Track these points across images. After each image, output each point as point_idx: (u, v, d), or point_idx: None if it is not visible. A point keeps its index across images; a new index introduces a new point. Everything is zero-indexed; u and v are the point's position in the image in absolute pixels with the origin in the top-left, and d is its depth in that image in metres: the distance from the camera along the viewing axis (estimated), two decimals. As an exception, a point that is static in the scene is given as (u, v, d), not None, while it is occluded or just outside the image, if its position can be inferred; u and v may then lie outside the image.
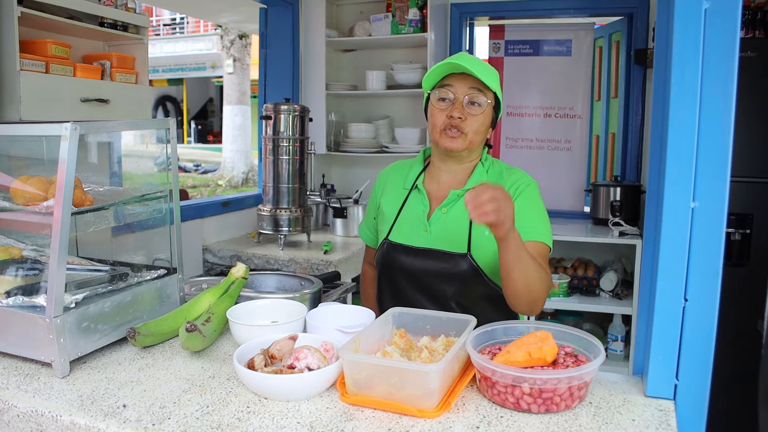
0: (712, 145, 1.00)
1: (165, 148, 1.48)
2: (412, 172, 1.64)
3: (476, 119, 1.48)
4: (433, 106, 1.52)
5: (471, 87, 1.47)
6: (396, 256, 1.56)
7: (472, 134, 1.49)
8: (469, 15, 3.52)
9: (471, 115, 1.48)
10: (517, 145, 3.69)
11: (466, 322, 1.21)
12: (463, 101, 1.47)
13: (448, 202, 1.54)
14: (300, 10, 3.40)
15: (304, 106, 2.84)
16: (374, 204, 1.72)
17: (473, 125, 1.48)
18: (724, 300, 1.07)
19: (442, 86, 1.50)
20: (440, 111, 1.50)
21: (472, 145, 1.51)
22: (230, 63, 12.55)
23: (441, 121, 1.49)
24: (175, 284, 1.50)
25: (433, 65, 1.52)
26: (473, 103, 1.47)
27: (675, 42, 1.00)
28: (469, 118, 1.48)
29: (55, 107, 1.90)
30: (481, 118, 1.49)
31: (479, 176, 1.54)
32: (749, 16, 2.81)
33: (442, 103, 1.50)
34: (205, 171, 14.29)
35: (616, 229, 3.08)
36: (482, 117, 1.49)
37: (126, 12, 2.17)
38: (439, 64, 1.47)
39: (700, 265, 1.02)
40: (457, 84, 1.48)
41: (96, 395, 1.11)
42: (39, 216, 1.28)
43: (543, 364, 1.08)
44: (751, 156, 2.68)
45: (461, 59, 1.45)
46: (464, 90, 1.47)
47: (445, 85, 1.49)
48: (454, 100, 1.48)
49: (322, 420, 1.01)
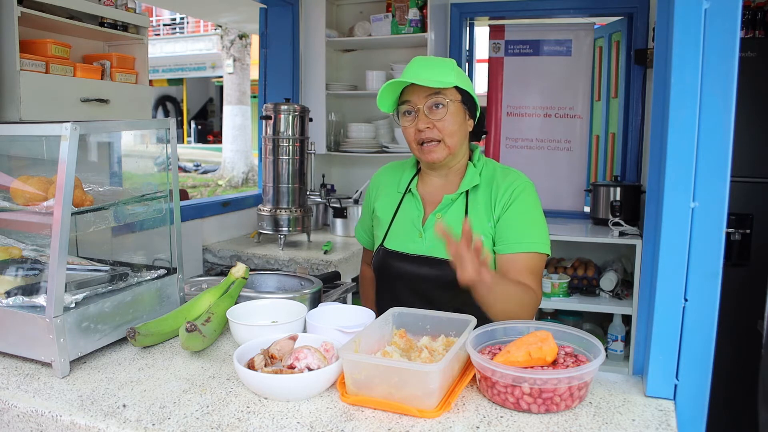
0: (712, 145, 1.00)
1: (165, 148, 1.48)
2: (405, 176, 1.63)
3: (444, 121, 1.45)
4: (401, 125, 1.51)
5: (427, 94, 1.44)
6: (392, 263, 1.56)
7: (448, 138, 1.47)
8: (469, 15, 3.51)
9: (437, 120, 1.45)
10: (517, 145, 3.69)
11: (466, 322, 1.21)
12: (423, 110, 1.45)
13: (443, 207, 1.53)
14: (300, 10, 3.40)
15: (304, 106, 2.84)
16: (369, 207, 1.71)
17: (445, 128, 1.46)
18: (724, 300, 1.07)
19: (401, 103, 1.49)
20: (408, 127, 1.49)
21: (452, 149, 1.49)
22: (230, 63, 12.55)
23: (413, 136, 1.49)
24: (175, 284, 1.50)
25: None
26: (434, 107, 1.45)
27: (675, 42, 1.00)
28: (436, 124, 1.45)
29: (55, 107, 1.90)
30: (449, 117, 1.45)
31: (471, 178, 1.52)
32: (749, 16, 2.81)
33: (406, 118, 1.49)
34: (205, 171, 14.29)
35: (616, 229, 3.08)
36: (450, 116, 1.46)
37: (126, 12, 2.17)
38: (384, 86, 1.45)
39: (700, 265, 1.02)
40: (413, 96, 1.46)
41: (96, 395, 1.11)
42: (39, 216, 1.28)
43: (543, 364, 1.08)
44: (751, 156, 2.68)
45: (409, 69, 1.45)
46: (421, 99, 1.45)
47: (404, 101, 1.48)
48: (416, 111, 1.46)
49: (322, 420, 1.01)
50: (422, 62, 1.47)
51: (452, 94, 1.46)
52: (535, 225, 1.48)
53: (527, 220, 1.47)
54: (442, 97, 1.44)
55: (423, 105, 1.45)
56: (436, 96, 1.44)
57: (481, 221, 1.49)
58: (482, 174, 1.53)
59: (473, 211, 1.50)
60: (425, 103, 1.45)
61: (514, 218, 1.47)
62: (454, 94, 1.46)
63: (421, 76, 1.42)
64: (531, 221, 1.47)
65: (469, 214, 1.50)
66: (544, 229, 1.49)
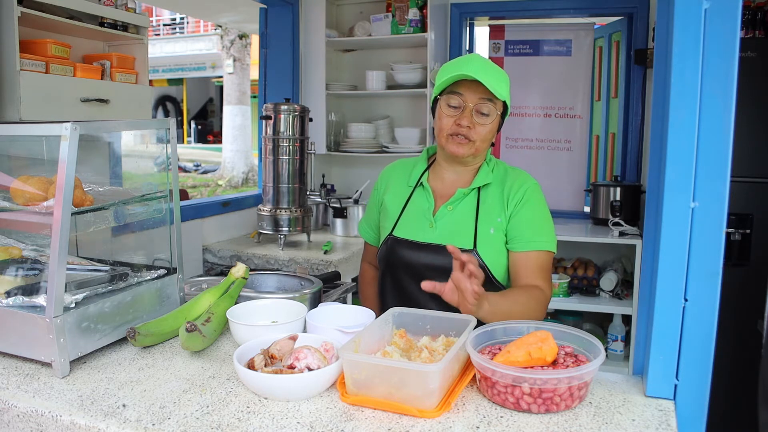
0: (712, 145, 1.00)
1: (165, 148, 1.48)
2: (416, 170, 1.65)
3: (484, 128, 1.49)
4: (441, 111, 1.51)
5: (481, 97, 1.46)
6: (400, 252, 1.57)
7: (480, 142, 1.50)
8: (469, 15, 3.51)
9: (479, 125, 1.48)
10: (518, 145, 3.69)
11: (466, 322, 1.21)
12: (472, 110, 1.47)
13: (455, 199, 1.55)
14: (300, 10, 3.40)
15: (304, 106, 2.84)
16: (376, 201, 1.72)
17: (481, 133, 1.49)
18: (724, 300, 1.07)
19: (452, 92, 1.48)
20: (448, 117, 1.50)
21: (478, 151, 1.52)
22: (230, 63, 12.55)
23: (449, 126, 1.50)
24: (175, 284, 1.50)
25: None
26: (482, 113, 1.47)
27: (675, 42, 1.00)
28: (477, 127, 1.48)
29: (55, 107, 1.90)
30: (489, 126, 1.49)
31: (485, 176, 1.56)
32: (749, 16, 2.81)
33: (451, 109, 1.49)
34: (205, 171, 14.29)
35: (616, 229, 3.08)
36: (491, 125, 1.50)
37: (126, 12, 2.17)
38: (451, 69, 1.45)
39: (700, 265, 1.02)
40: (468, 92, 1.47)
41: (96, 395, 1.11)
42: (39, 216, 1.28)
43: (543, 364, 1.08)
44: (751, 156, 2.68)
45: (474, 64, 1.44)
46: (474, 99, 1.46)
47: (455, 92, 1.48)
48: (464, 108, 1.47)
49: (322, 420, 1.01)
50: (483, 63, 1.47)
51: (500, 106, 1.50)
52: (546, 223, 1.53)
53: (539, 219, 1.52)
54: (493, 106, 1.47)
55: (473, 104, 1.47)
56: (489, 103, 1.46)
57: (491, 216, 1.53)
58: (494, 172, 1.58)
59: (484, 207, 1.54)
60: (476, 104, 1.46)
61: (528, 217, 1.52)
62: (500, 107, 1.50)
63: (484, 76, 1.42)
64: (543, 220, 1.53)
65: (480, 209, 1.53)
66: (552, 228, 1.55)
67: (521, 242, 1.50)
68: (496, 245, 1.51)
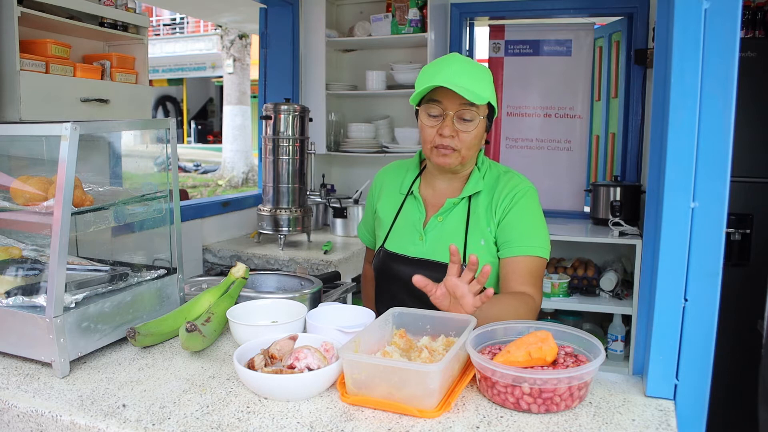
0: (712, 145, 1.00)
1: (165, 148, 1.48)
2: (408, 177, 1.62)
3: (468, 135, 1.43)
4: (422, 122, 1.46)
5: (462, 102, 1.39)
6: (392, 265, 1.56)
7: (465, 150, 1.45)
8: (469, 15, 3.52)
9: (462, 132, 1.42)
10: (517, 145, 3.69)
11: (466, 322, 1.21)
12: (453, 117, 1.41)
13: (444, 210, 1.52)
14: (300, 10, 3.40)
15: (304, 106, 2.84)
16: (371, 207, 1.71)
17: (465, 141, 1.43)
18: (724, 300, 1.07)
19: (430, 100, 1.42)
20: (430, 128, 1.44)
21: (465, 159, 1.47)
22: (230, 63, 12.54)
23: (431, 138, 1.45)
24: (175, 284, 1.50)
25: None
26: (464, 119, 1.41)
27: (675, 42, 1.00)
28: (460, 135, 1.42)
29: (55, 107, 1.90)
30: (474, 132, 1.43)
31: (475, 183, 1.51)
32: (749, 16, 2.81)
33: (431, 119, 1.44)
34: (205, 171, 14.29)
35: (616, 229, 3.08)
36: (475, 131, 1.44)
37: (126, 12, 2.17)
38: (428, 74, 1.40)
39: (700, 265, 1.02)
40: (446, 99, 1.40)
41: (96, 395, 1.11)
42: (39, 216, 1.28)
43: (543, 364, 1.08)
44: (751, 156, 2.68)
45: (449, 69, 1.38)
46: (454, 105, 1.40)
47: (434, 99, 1.42)
48: (444, 116, 1.42)
49: (322, 420, 1.01)
50: (462, 66, 1.40)
51: (483, 109, 1.44)
52: (536, 229, 1.47)
53: (528, 223, 1.47)
54: (474, 112, 1.41)
55: (453, 112, 1.41)
56: (470, 107, 1.40)
57: (481, 227, 1.49)
58: (485, 178, 1.53)
59: (474, 216, 1.50)
60: (456, 111, 1.41)
61: (515, 222, 1.46)
62: (484, 110, 1.44)
63: (460, 82, 1.36)
64: (532, 225, 1.47)
65: (471, 220, 1.50)
66: (545, 234, 1.49)
67: (509, 247, 1.46)
68: (487, 258, 1.46)
